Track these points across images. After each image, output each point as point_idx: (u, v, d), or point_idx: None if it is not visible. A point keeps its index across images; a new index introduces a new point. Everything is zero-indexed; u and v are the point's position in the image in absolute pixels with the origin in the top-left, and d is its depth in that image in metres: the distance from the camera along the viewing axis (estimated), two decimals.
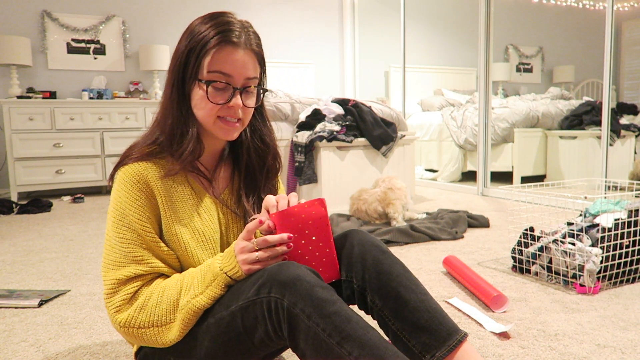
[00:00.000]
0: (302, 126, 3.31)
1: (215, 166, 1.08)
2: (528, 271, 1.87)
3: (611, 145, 3.32)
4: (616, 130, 3.92)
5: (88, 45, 4.62)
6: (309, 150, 3.18)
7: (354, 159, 3.31)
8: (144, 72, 4.83)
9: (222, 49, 0.94)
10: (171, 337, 0.92)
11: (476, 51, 3.98)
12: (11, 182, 3.99)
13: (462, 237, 2.50)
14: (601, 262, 1.67)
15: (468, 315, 1.48)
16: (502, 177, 4.61)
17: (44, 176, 4.10)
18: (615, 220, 1.74)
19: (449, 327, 0.92)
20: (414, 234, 2.43)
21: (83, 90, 4.39)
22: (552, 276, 1.77)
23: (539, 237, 1.86)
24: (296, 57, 5.62)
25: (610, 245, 1.69)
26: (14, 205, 3.55)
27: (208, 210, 1.02)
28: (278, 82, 5.29)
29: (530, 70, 6.66)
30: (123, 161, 0.98)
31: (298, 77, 5.56)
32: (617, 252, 1.70)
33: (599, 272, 1.68)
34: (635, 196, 2.27)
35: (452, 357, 0.90)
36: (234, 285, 0.92)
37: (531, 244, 1.86)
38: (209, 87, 0.95)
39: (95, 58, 4.65)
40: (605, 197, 2.10)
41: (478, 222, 2.74)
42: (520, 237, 1.90)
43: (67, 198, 4.03)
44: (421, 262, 2.08)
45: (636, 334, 1.34)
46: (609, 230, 1.71)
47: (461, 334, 0.92)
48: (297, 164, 3.22)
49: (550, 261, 1.78)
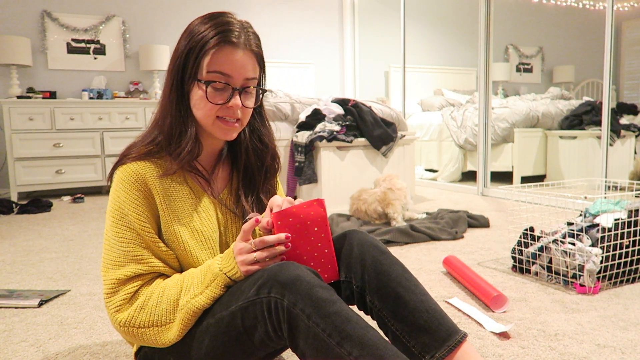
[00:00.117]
0: (302, 126, 3.31)
1: (213, 166, 1.08)
2: (528, 271, 1.87)
3: (611, 145, 3.32)
4: (616, 130, 3.92)
5: (88, 45, 4.61)
6: (309, 150, 3.18)
7: (354, 159, 3.31)
8: (144, 72, 4.84)
9: (222, 49, 0.94)
10: (171, 337, 0.92)
11: (476, 51, 3.98)
12: (11, 182, 3.99)
13: (462, 237, 2.50)
14: (601, 262, 1.67)
15: (468, 315, 1.48)
16: (502, 177, 4.61)
17: (44, 176, 4.10)
18: (615, 220, 1.73)
19: (449, 328, 0.92)
20: (414, 234, 2.43)
21: (83, 90, 4.40)
22: (552, 276, 1.77)
23: (539, 237, 1.86)
24: (296, 57, 5.62)
25: (610, 245, 1.69)
26: (14, 205, 3.55)
27: (206, 210, 1.02)
28: (278, 82, 5.29)
29: (530, 70, 6.66)
30: (121, 160, 0.98)
31: (298, 77, 5.56)
32: (617, 252, 1.70)
33: (599, 272, 1.68)
34: (635, 196, 2.27)
35: (452, 358, 0.90)
36: (234, 285, 0.92)
37: (531, 244, 1.86)
38: (208, 88, 0.95)
39: (95, 58, 4.65)
40: (605, 197, 2.10)
41: (478, 222, 2.74)
42: (520, 237, 1.90)
43: (67, 198, 4.03)
44: (421, 262, 2.07)
45: (636, 334, 1.33)
46: (609, 230, 1.71)
47: (461, 334, 0.92)
48: (297, 164, 3.22)
49: (550, 261, 1.78)
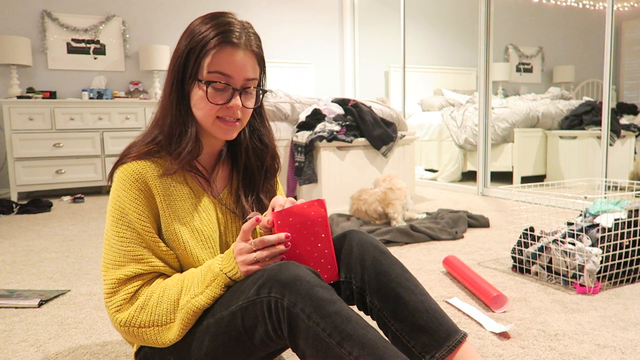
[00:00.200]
0: (302, 126, 3.31)
1: (213, 166, 1.08)
2: (528, 271, 1.87)
3: (611, 145, 3.32)
4: (616, 130, 3.92)
5: (88, 45, 4.61)
6: (309, 150, 3.18)
7: (354, 159, 3.31)
8: (144, 72, 4.83)
9: (222, 50, 0.94)
10: (171, 337, 0.92)
11: (476, 51, 3.98)
12: (11, 182, 3.99)
13: (462, 237, 2.50)
14: (601, 262, 1.67)
15: (468, 315, 1.48)
16: (502, 177, 4.61)
17: (44, 176, 4.10)
18: (615, 220, 1.74)
19: (449, 328, 0.92)
20: (414, 234, 2.43)
21: (83, 90, 4.40)
22: (552, 276, 1.77)
23: (539, 237, 1.86)
24: (296, 57, 5.62)
25: (610, 245, 1.69)
26: (14, 205, 3.55)
27: (206, 209, 1.02)
28: (278, 82, 5.29)
29: (530, 70, 6.66)
30: (121, 160, 0.98)
31: (298, 77, 5.56)
32: (617, 252, 1.70)
33: (599, 272, 1.68)
34: (635, 196, 2.27)
35: (452, 358, 0.90)
36: (234, 285, 0.92)
37: (531, 244, 1.86)
38: (209, 88, 0.95)
39: (95, 58, 4.65)
40: (605, 197, 2.10)
41: (478, 222, 2.74)
42: (520, 237, 1.90)
43: (67, 198, 4.03)
44: (421, 262, 2.07)
45: (636, 334, 1.33)
46: (609, 230, 1.71)
47: (461, 334, 0.92)
48: (297, 164, 3.22)
49: (550, 261, 1.78)
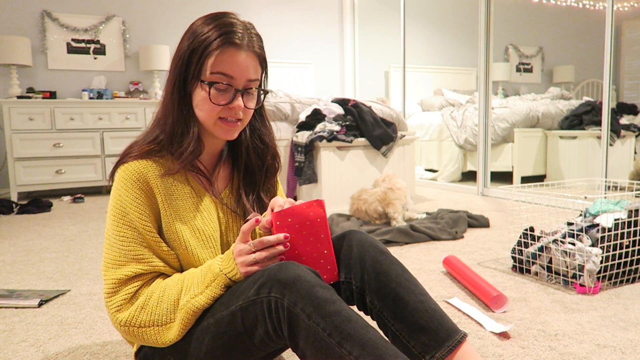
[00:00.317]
0: (302, 126, 3.31)
1: (214, 166, 1.08)
2: (528, 271, 1.87)
3: (611, 145, 3.32)
4: (616, 130, 3.92)
5: (88, 45, 4.61)
6: (309, 150, 3.18)
7: (354, 159, 3.31)
8: (144, 72, 4.83)
9: (225, 51, 0.94)
10: (171, 337, 0.92)
11: (476, 51, 3.98)
12: (11, 182, 3.99)
13: (462, 237, 2.50)
14: (601, 262, 1.67)
15: (468, 315, 1.48)
16: (502, 177, 4.61)
17: (44, 176, 4.10)
18: (615, 220, 1.74)
19: (449, 328, 0.92)
20: (414, 234, 2.43)
21: (83, 90, 4.39)
22: (552, 276, 1.77)
23: (539, 237, 1.86)
24: (296, 57, 5.62)
25: (610, 245, 1.69)
26: (14, 205, 3.55)
27: (208, 209, 1.02)
28: (278, 82, 5.29)
29: (530, 70, 6.66)
30: (123, 159, 0.98)
31: (298, 77, 5.56)
32: (617, 252, 1.70)
33: (599, 272, 1.68)
34: (635, 196, 2.27)
35: (452, 358, 0.90)
36: (234, 285, 0.92)
37: (531, 244, 1.86)
38: (212, 89, 0.95)
39: (95, 58, 4.65)
40: (605, 197, 2.10)
41: (478, 222, 2.74)
42: (520, 237, 1.90)
43: (67, 198, 4.03)
44: (421, 262, 2.08)
45: (636, 334, 1.34)
46: (609, 230, 1.71)
47: (460, 334, 0.92)
48: (297, 164, 3.22)
49: (550, 261, 1.78)
